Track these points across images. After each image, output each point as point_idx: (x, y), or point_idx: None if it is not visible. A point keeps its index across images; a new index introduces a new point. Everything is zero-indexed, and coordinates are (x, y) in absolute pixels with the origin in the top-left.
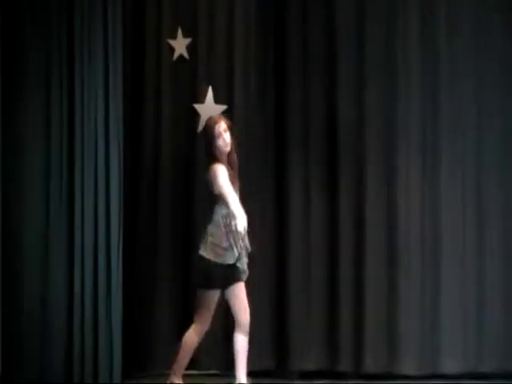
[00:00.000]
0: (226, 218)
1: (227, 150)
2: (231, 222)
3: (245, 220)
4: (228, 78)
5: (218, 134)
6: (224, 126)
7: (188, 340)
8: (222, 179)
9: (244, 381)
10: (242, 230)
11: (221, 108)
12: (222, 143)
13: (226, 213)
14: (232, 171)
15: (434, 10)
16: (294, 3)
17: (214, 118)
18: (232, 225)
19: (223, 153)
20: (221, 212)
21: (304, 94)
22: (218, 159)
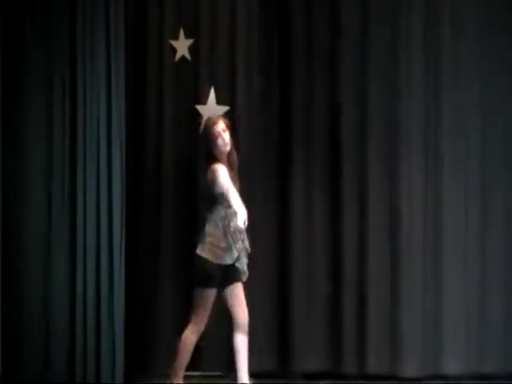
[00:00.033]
0: (224, 219)
1: (227, 150)
2: (230, 223)
3: (245, 214)
4: (230, 78)
5: (217, 134)
6: (223, 126)
7: (186, 340)
8: (223, 178)
9: (246, 381)
10: (241, 225)
11: (223, 109)
12: (222, 143)
13: (225, 213)
14: (232, 171)
15: (438, 12)
16: (297, 2)
17: (213, 118)
18: (231, 226)
19: (223, 153)
20: (219, 212)
21: (307, 94)
22: (217, 159)
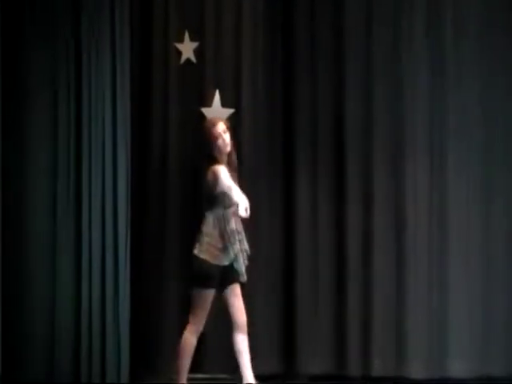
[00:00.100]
0: (222, 220)
1: (227, 151)
2: (227, 223)
3: (246, 203)
4: (235, 80)
5: (218, 135)
6: (223, 127)
7: (186, 341)
8: (223, 177)
9: (252, 380)
10: (243, 214)
11: (228, 111)
12: (222, 144)
13: (223, 214)
14: (232, 172)
15: (440, 12)
16: (302, 3)
17: (213, 119)
18: (228, 227)
19: (223, 154)
20: (218, 213)
21: (311, 95)
22: (217, 161)
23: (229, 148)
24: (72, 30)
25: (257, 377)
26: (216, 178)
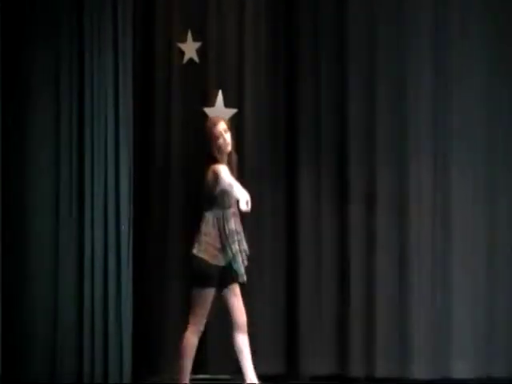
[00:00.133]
0: (221, 220)
1: (228, 151)
2: (226, 223)
3: (247, 196)
4: (238, 80)
5: (219, 134)
6: (224, 127)
7: (187, 342)
8: (225, 175)
9: (255, 380)
10: (244, 207)
11: (231, 111)
12: (223, 143)
13: (222, 214)
14: (232, 172)
15: (445, 12)
16: (305, 3)
17: (214, 118)
18: (227, 227)
19: (223, 153)
20: (217, 213)
21: (314, 95)
22: (217, 160)
23: (229, 148)
24: (74, 29)
25: (259, 377)
26: (216, 177)
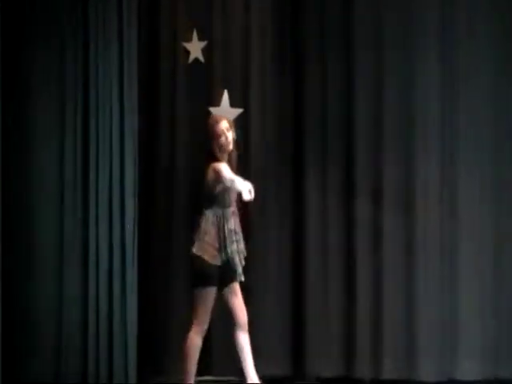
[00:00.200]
0: (221, 219)
1: (229, 149)
2: (226, 223)
3: (249, 186)
4: (244, 80)
5: (221, 132)
6: (226, 125)
7: (191, 342)
8: (226, 173)
9: (257, 380)
10: (248, 197)
11: (237, 111)
12: (225, 141)
13: (222, 213)
14: (232, 171)
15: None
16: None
17: (217, 116)
18: (226, 226)
19: (225, 151)
20: (217, 212)
21: (321, 94)
22: (218, 158)
23: (231, 146)
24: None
25: (266, 379)
26: (217, 175)
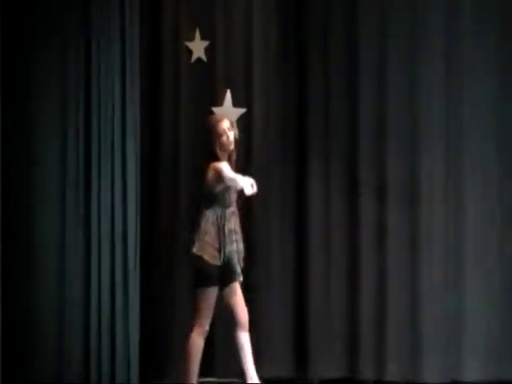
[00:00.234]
0: (221, 218)
1: (230, 149)
2: (226, 223)
3: (250, 181)
4: (247, 80)
5: (223, 132)
6: (228, 125)
7: (193, 343)
8: (228, 173)
9: (256, 380)
10: (250, 191)
11: (239, 111)
12: (226, 141)
13: (222, 213)
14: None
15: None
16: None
17: (218, 115)
18: (226, 227)
19: (226, 151)
20: (217, 211)
21: (324, 93)
22: (218, 158)
23: (232, 146)
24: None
25: (269, 380)
26: (218, 175)
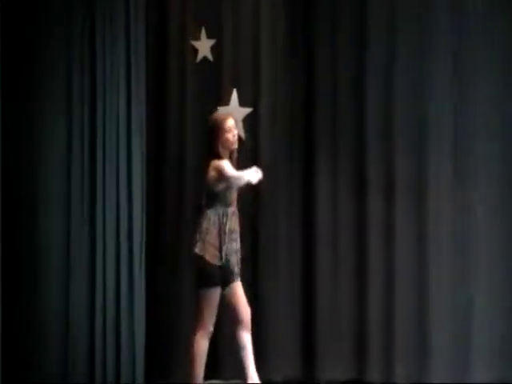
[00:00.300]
0: (222, 218)
1: (233, 148)
2: (228, 222)
3: (254, 168)
4: (254, 75)
5: (228, 130)
6: (233, 123)
7: (198, 345)
8: (230, 172)
9: (257, 380)
10: (256, 179)
11: (246, 110)
12: (231, 139)
13: (223, 212)
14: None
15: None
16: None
17: (222, 114)
18: (227, 227)
19: (229, 149)
20: (218, 210)
21: (332, 91)
22: (220, 156)
23: (236, 145)
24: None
25: (276, 383)
26: (220, 174)
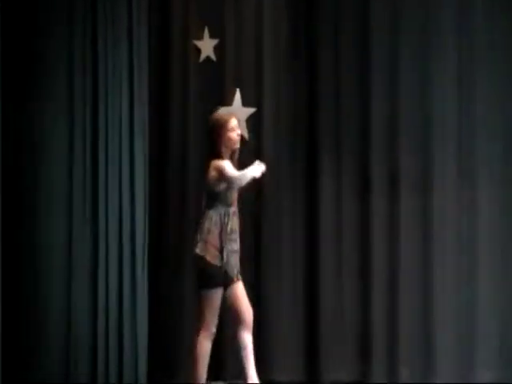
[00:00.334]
0: (223, 217)
1: (236, 147)
2: (229, 222)
3: (256, 162)
4: (257, 77)
5: (231, 129)
6: (236, 123)
7: (201, 346)
8: (232, 173)
9: (257, 380)
10: (260, 173)
11: (249, 111)
12: (234, 138)
13: (224, 212)
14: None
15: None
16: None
17: (225, 114)
18: (228, 227)
19: (231, 148)
20: (219, 210)
21: (335, 90)
22: (221, 155)
23: (238, 145)
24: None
25: (279, 383)
26: (220, 174)
